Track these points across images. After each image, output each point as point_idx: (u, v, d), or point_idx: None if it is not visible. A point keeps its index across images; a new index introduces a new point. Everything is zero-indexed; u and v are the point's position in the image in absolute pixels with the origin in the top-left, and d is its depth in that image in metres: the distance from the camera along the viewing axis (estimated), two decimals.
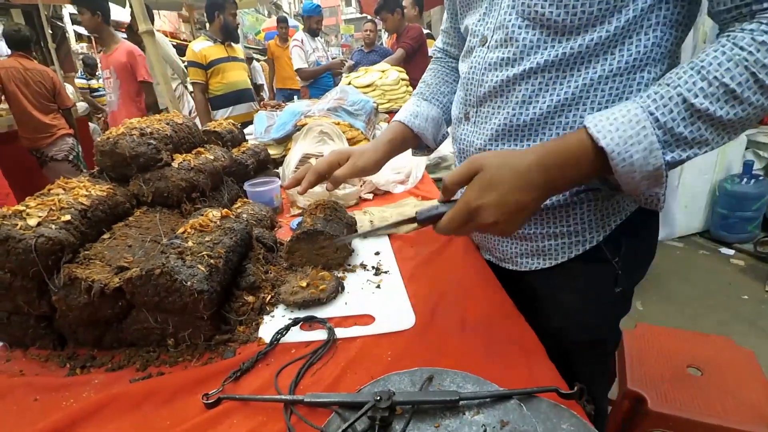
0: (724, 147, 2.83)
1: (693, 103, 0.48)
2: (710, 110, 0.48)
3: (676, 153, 0.50)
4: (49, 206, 0.68)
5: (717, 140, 0.51)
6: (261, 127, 2.05)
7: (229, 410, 0.53)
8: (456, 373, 0.55)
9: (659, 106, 0.50)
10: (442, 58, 0.97)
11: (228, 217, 0.80)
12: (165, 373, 0.61)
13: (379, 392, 0.50)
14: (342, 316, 0.71)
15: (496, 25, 0.65)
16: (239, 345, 0.66)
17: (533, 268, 0.74)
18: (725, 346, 1.31)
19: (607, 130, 0.50)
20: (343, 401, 0.51)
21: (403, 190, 1.42)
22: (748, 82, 0.47)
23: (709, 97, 0.48)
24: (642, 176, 0.51)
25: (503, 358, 0.60)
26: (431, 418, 0.50)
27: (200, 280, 0.62)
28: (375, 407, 0.48)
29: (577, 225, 0.68)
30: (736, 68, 0.47)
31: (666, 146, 0.50)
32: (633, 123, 0.50)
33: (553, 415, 0.48)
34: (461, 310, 0.72)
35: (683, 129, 0.49)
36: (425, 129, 0.89)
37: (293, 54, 4.25)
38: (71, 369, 0.64)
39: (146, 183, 0.85)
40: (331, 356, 0.62)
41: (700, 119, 0.49)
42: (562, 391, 0.50)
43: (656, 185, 0.52)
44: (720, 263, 2.70)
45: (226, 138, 1.29)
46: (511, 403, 0.50)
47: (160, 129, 0.91)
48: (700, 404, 1.09)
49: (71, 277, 0.62)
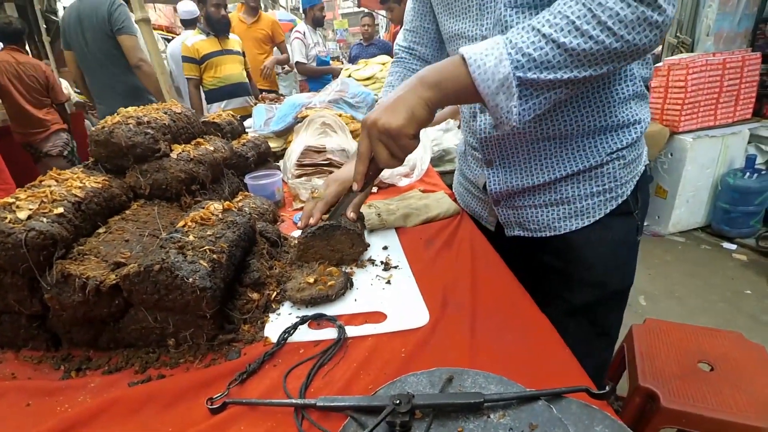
0: (727, 141, 2.82)
1: (539, 29, 0.58)
2: (554, 36, 0.57)
3: (530, 73, 0.58)
4: (40, 198, 0.64)
5: (568, 67, 0.58)
6: (260, 119, 2.00)
7: (235, 415, 0.50)
8: (477, 372, 0.52)
9: (514, 33, 0.59)
10: (405, 59, 0.98)
11: (230, 210, 0.76)
12: (166, 376, 0.57)
13: (398, 395, 0.46)
14: (352, 314, 0.68)
15: (494, 23, 0.70)
16: (244, 345, 0.62)
17: (573, 228, 0.81)
18: (736, 341, 1.29)
19: (471, 49, 0.60)
20: (358, 405, 0.48)
21: (408, 183, 1.38)
22: (586, 17, 0.56)
23: (554, 26, 0.57)
24: (496, 85, 0.59)
25: (522, 355, 0.57)
26: (453, 421, 0.47)
27: (202, 277, 0.58)
28: (395, 412, 0.44)
29: (611, 182, 0.78)
30: (576, 5, 0.57)
31: (518, 65, 0.58)
32: (492, 42, 0.60)
33: (585, 416, 0.45)
34: (475, 305, 0.69)
35: (531, 51, 0.58)
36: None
37: (294, 46, 4.17)
38: (66, 371, 0.61)
39: (143, 174, 0.81)
40: (342, 356, 0.59)
41: (547, 44, 0.57)
42: (593, 391, 0.47)
43: (510, 97, 0.59)
44: (722, 258, 2.69)
45: (225, 129, 1.25)
46: (539, 404, 0.46)
47: (158, 118, 0.86)
48: (712, 400, 1.07)
49: (64, 274, 0.58)
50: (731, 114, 2.84)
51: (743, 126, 2.84)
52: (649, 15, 0.56)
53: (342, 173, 0.87)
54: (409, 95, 0.63)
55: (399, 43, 0.98)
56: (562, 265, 0.85)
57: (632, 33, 0.57)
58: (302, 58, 4.15)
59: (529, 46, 0.58)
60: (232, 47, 3.20)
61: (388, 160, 0.66)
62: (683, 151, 2.81)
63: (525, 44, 0.58)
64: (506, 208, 0.89)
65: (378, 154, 0.66)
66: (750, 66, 2.74)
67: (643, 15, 0.56)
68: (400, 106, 0.63)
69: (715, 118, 2.82)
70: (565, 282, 0.84)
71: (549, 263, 0.87)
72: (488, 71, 0.58)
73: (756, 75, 2.80)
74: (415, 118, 0.63)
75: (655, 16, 0.56)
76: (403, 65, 0.98)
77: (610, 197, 0.80)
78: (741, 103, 2.83)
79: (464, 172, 1.04)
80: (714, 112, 2.81)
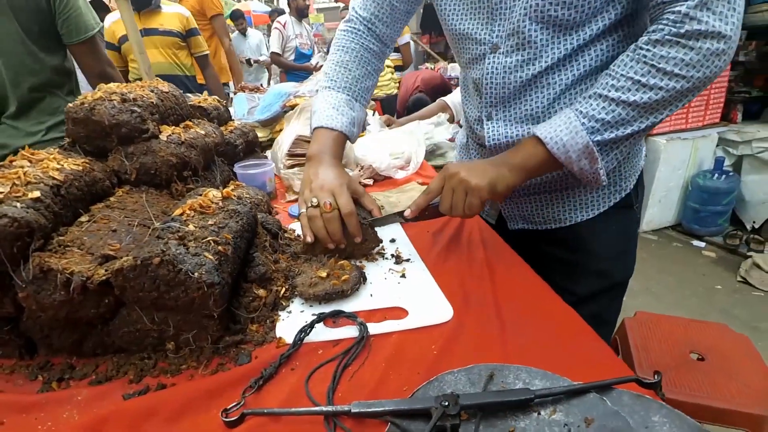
0: (697, 144, 2.94)
1: (606, 95, 0.62)
2: (623, 98, 0.61)
3: (605, 134, 0.63)
4: (11, 180, 0.54)
5: (640, 119, 0.62)
6: (242, 108, 1.91)
7: (255, 428, 0.44)
8: (519, 368, 0.48)
9: (582, 104, 0.64)
10: (362, 33, 0.86)
11: (230, 198, 0.69)
12: (167, 385, 0.50)
13: (444, 396, 0.42)
14: (369, 310, 0.63)
15: (509, 32, 0.69)
16: (254, 347, 0.56)
17: (579, 220, 0.82)
18: (722, 332, 1.33)
19: (545, 129, 0.66)
20: (399, 409, 0.43)
21: (405, 175, 1.34)
22: (651, 72, 0.59)
23: (620, 89, 0.61)
24: (577, 155, 0.64)
25: (556, 347, 0.55)
26: (502, 421, 0.43)
27: (209, 271, 0.51)
28: (444, 415, 0.40)
29: (615, 176, 0.80)
30: (637, 65, 0.60)
31: (593, 131, 0.62)
32: (562, 117, 0.65)
33: (639, 407, 0.43)
34: (497, 298, 0.66)
35: (604, 115, 0.62)
36: (354, 136, 0.86)
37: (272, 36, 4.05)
38: (45, 382, 0.52)
39: (129, 158, 0.72)
40: (366, 356, 0.54)
41: (618, 105, 0.61)
42: (644, 381, 0.45)
43: (594, 162, 0.64)
44: (693, 255, 2.80)
45: (212, 115, 1.16)
46: (591, 397, 0.44)
47: (144, 96, 0.77)
48: (707, 389, 1.09)
49: (43, 269, 0.50)
50: (701, 118, 2.96)
51: (712, 129, 2.97)
52: (714, 48, 0.56)
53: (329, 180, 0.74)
54: (495, 170, 0.68)
55: (357, 10, 0.86)
56: (569, 255, 0.85)
57: (701, 70, 0.57)
58: (278, 50, 4.03)
59: (600, 112, 0.62)
60: (160, 25, 2.40)
61: (448, 208, 0.71)
62: (657, 152, 2.90)
63: (596, 111, 0.62)
64: (511, 202, 0.88)
65: (444, 197, 0.71)
66: None
67: (708, 51, 0.56)
68: (484, 173, 0.68)
69: (686, 122, 2.93)
70: (570, 273, 0.84)
71: (554, 254, 0.86)
72: (566, 144, 0.63)
73: (725, 81, 2.93)
74: (493, 189, 0.68)
75: (720, 45, 0.56)
76: (359, 41, 0.86)
77: (614, 190, 0.81)
78: (710, 108, 2.95)
79: None
80: (686, 116, 2.92)
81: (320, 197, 0.72)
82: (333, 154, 0.79)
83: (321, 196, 0.72)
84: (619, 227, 0.84)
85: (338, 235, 0.71)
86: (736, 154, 2.89)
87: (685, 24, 0.56)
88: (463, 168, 0.69)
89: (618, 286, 0.88)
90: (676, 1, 0.57)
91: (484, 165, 0.70)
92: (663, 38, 0.58)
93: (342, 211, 0.71)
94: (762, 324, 2.08)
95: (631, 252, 0.88)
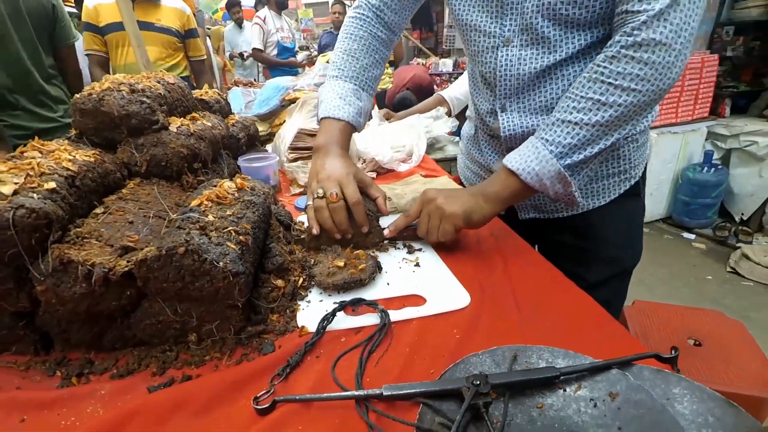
0: (687, 138, 2.99)
1: (570, 120, 0.63)
2: (585, 119, 0.62)
3: (574, 157, 0.64)
4: (25, 171, 0.53)
5: (605, 136, 0.64)
6: (239, 103, 1.89)
7: (288, 415, 0.44)
8: (541, 348, 0.49)
9: (546, 132, 0.65)
10: (371, 20, 0.86)
11: (244, 189, 0.69)
12: (192, 377, 0.50)
13: (474, 376, 0.43)
14: (387, 298, 0.63)
15: (522, 27, 0.70)
16: (276, 337, 0.56)
17: (590, 208, 0.83)
18: (717, 319, 1.36)
19: (513, 159, 0.68)
20: (430, 390, 0.43)
21: (408, 168, 1.34)
22: (609, 90, 0.61)
23: (581, 111, 0.63)
24: (551, 181, 0.66)
25: (573, 329, 0.56)
26: (529, 398, 0.44)
27: (233, 260, 0.51)
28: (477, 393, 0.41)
29: (626, 164, 0.81)
30: (594, 84, 0.62)
31: (561, 156, 0.64)
32: (530, 147, 0.67)
33: (659, 380, 0.45)
34: (513, 284, 0.67)
35: (570, 139, 0.63)
36: (361, 126, 0.86)
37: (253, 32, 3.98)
38: (64, 378, 0.51)
39: (139, 149, 0.71)
40: (389, 342, 0.54)
41: (581, 128, 0.63)
42: (662, 356, 0.46)
43: (568, 185, 0.66)
44: (684, 247, 2.87)
45: (214, 108, 1.14)
46: (613, 373, 0.45)
47: (152, 87, 0.76)
48: (707, 374, 1.12)
49: (63, 261, 0.49)
50: (691, 112, 3.02)
51: (702, 124, 3.03)
52: (665, 61, 0.58)
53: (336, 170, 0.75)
54: (471, 200, 0.71)
55: None
56: (580, 242, 0.86)
57: (654, 83, 0.60)
58: (260, 45, 3.96)
59: (565, 137, 0.64)
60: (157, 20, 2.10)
61: (424, 231, 0.74)
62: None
63: (561, 137, 0.64)
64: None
65: (421, 222, 0.74)
66: (708, 67, 2.92)
67: (659, 64, 0.58)
68: (461, 203, 0.71)
69: (676, 116, 2.98)
70: (581, 260, 0.86)
71: (565, 242, 0.88)
72: (538, 173, 0.66)
73: (713, 76, 2.98)
74: (468, 218, 0.71)
75: (670, 58, 0.58)
76: (367, 29, 0.86)
77: (625, 178, 0.82)
78: (700, 102, 3.01)
79: (473, 155, 1.01)
80: (676, 110, 2.97)
81: (326, 187, 0.72)
82: (340, 145, 0.79)
83: (327, 187, 0.72)
84: (628, 214, 0.86)
85: (345, 224, 0.72)
86: (725, 147, 2.96)
87: (642, 32, 0.58)
88: (441, 195, 0.72)
89: (626, 272, 0.90)
90: (638, 11, 0.58)
91: (461, 194, 0.73)
92: (618, 53, 0.60)
93: (348, 200, 0.72)
94: (752, 313, 2.14)
95: (639, 239, 0.91)
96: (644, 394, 0.42)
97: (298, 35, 12.79)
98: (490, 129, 0.87)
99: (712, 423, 0.40)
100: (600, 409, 0.42)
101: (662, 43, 0.57)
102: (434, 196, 0.72)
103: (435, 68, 5.06)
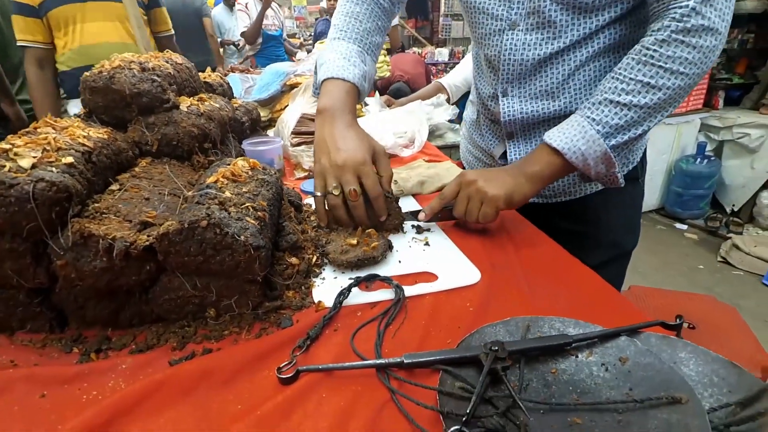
0: (680, 129, 3.03)
1: (618, 101, 0.64)
2: (634, 101, 0.63)
3: (619, 138, 0.65)
4: (42, 146, 0.53)
5: (650, 118, 0.65)
6: (238, 89, 1.87)
7: (311, 383, 0.45)
8: (552, 318, 0.51)
9: (593, 111, 0.66)
10: None
11: (257, 168, 0.69)
12: (213, 350, 0.51)
13: (492, 343, 0.44)
14: (400, 275, 0.64)
15: (529, 11, 0.71)
16: (293, 312, 0.57)
17: (589, 192, 0.85)
18: (710, 303, 1.40)
19: (558, 137, 0.67)
20: (449, 358, 0.45)
21: (411, 153, 1.35)
22: (659, 74, 0.62)
23: (630, 93, 0.63)
24: (594, 161, 0.67)
25: (581, 302, 0.59)
26: (543, 365, 0.46)
27: (254, 234, 0.51)
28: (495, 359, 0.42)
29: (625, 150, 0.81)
30: (645, 67, 0.62)
31: (607, 136, 0.65)
32: (575, 126, 0.67)
33: (665, 346, 0.47)
34: (522, 261, 0.69)
35: (617, 120, 0.64)
36: (365, 92, 0.81)
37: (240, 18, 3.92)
38: (83, 353, 0.51)
39: (150, 128, 0.71)
40: (405, 316, 0.55)
41: (630, 110, 0.64)
42: (667, 323, 0.49)
43: (612, 166, 0.67)
44: (676, 237, 2.92)
45: (218, 91, 1.14)
46: (622, 339, 0.47)
47: (161, 66, 0.76)
48: None
49: (84, 235, 0.49)
50: (685, 104, 3.05)
51: (695, 115, 3.07)
52: (712, 45, 0.60)
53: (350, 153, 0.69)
54: (512, 180, 0.70)
55: None
56: (581, 227, 0.88)
57: (701, 66, 0.62)
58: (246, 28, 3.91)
59: (613, 117, 0.64)
60: None
61: (462, 213, 0.73)
62: None
63: (608, 117, 0.64)
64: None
65: (459, 203, 0.73)
66: None
67: (707, 48, 0.60)
68: (502, 184, 0.70)
69: None
70: (581, 244, 0.86)
71: (565, 227, 0.88)
72: (584, 153, 0.66)
73: None
74: (510, 199, 0.70)
75: (716, 42, 0.60)
76: None
77: (624, 163, 0.84)
78: (693, 94, 3.04)
79: (476, 140, 1.02)
80: None
81: (344, 182, 0.67)
82: (348, 110, 0.72)
83: (345, 180, 0.67)
84: (627, 199, 0.88)
85: (365, 220, 0.70)
86: (718, 139, 3.00)
87: (691, 18, 0.59)
88: (481, 177, 0.71)
89: (624, 255, 0.93)
90: None
91: (501, 175, 0.71)
92: (669, 37, 0.61)
93: (370, 194, 0.68)
94: (742, 301, 2.20)
95: (638, 224, 0.94)
96: (653, 358, 0.44)
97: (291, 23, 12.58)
98: (491, 113, 0.88)
99: (717, 382, 0.42)
100: (611, 373, 0.44)
101: (710, 28, 0.59)
102: (474, 179, 0.71)
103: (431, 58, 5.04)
